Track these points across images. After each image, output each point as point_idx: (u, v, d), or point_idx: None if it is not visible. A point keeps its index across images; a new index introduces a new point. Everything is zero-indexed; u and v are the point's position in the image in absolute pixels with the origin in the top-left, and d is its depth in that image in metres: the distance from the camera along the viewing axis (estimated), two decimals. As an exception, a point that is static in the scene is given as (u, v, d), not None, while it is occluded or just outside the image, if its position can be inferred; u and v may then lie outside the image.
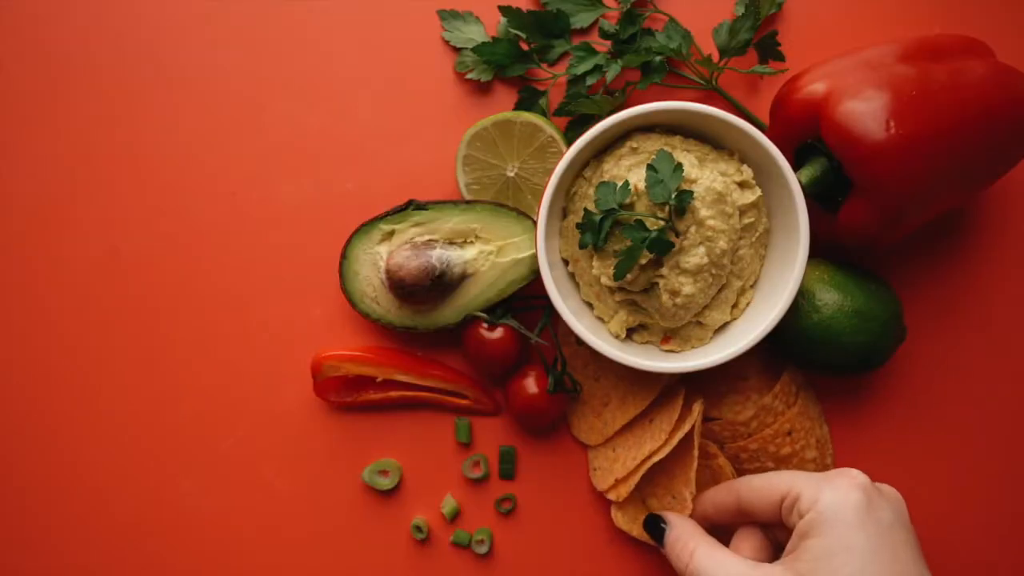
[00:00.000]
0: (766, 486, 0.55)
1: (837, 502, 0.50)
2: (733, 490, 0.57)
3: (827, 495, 0.51)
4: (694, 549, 0.55)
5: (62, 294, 0.68)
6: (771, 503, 0.54)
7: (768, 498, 0.54)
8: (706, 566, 0.54)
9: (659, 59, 0.64)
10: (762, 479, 0.56)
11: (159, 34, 0.69)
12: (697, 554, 0.55)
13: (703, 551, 0.55)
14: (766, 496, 0.55)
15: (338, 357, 0.65)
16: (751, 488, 0.56)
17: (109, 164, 0.69)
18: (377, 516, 0.67)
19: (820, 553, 0.49)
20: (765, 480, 0.55)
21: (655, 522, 0.59)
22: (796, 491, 0.52)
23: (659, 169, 0.55)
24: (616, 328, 0.61)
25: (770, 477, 0.55)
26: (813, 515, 0.51)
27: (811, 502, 0.51)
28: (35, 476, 0.68)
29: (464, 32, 0.68)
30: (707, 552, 0.55)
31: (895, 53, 0.58)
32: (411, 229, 0.64)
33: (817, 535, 0.50)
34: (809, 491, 0.52)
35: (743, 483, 0.57)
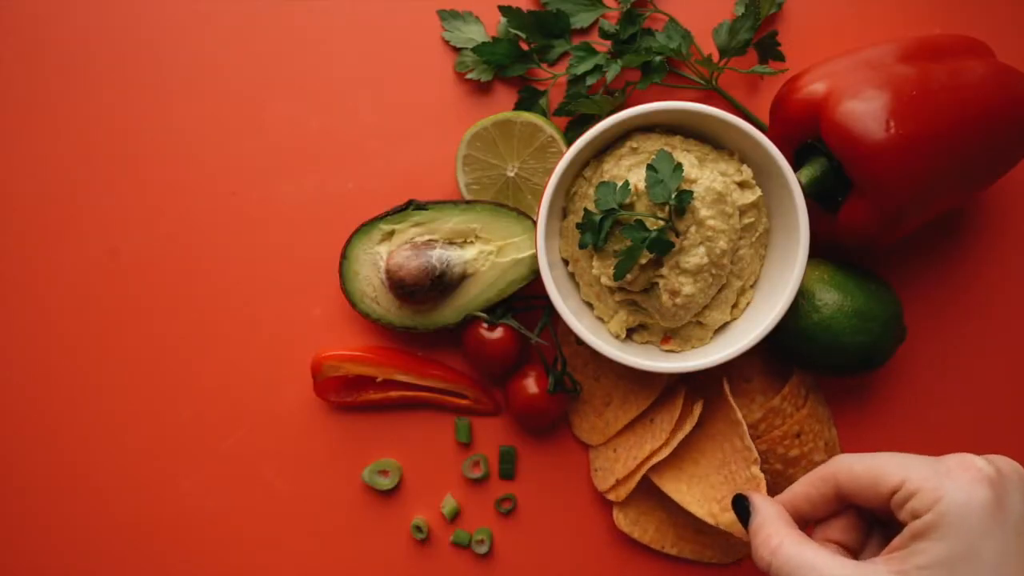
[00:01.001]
0: (872, 476, 0.47)
1: (961, 503, 0.43)
2: (829, 479, 0.50)
3: (950, 494, 0.44)
4: (778, 545, 0.48)
5: (62, 294, 0.68)
6: (878, 496, 0.47)
7: (874, 489, 0.47)
8: (792, 566, 0.47)
9: (659, 59, 0.64)
10: (865, 466, 0.48)
11: (159, 34, 0.69)
12: (782, 551, 0.48)
13: (789, 547, 0.48)
14: (872, 487, 0.47)
15: (338, 357, 0.65)
16: (853, 477, 0.48)
17: (109, 164, 0.69)
18: (377, 516, 0.67)
19: (938, 559, 0.43)
20: (869, 468, 0.48)
21: (741, 504, 0.53)
22: (912, 487, 0.45)
23: (659, 169, 0.55)
24: (616, 328, 0.61)
25: (874, 464, 0.48)
26: (932, 517, 0.44)
27: (930, 501, 0.44)
28: (35, 476, 0.68)
29: (464, 32, 0.68)
30: (794, 549, 0.48)
31: (895, 53, 0.58)
32: (411, 229, 0.64)
33: (936, 538, 0.43)
34: (928, 486, 0.44)
35: (842, 470, 0.49)
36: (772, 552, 0.48)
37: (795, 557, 0.47)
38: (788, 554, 0.47)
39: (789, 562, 0.47)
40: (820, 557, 0.46)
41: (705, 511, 0.59)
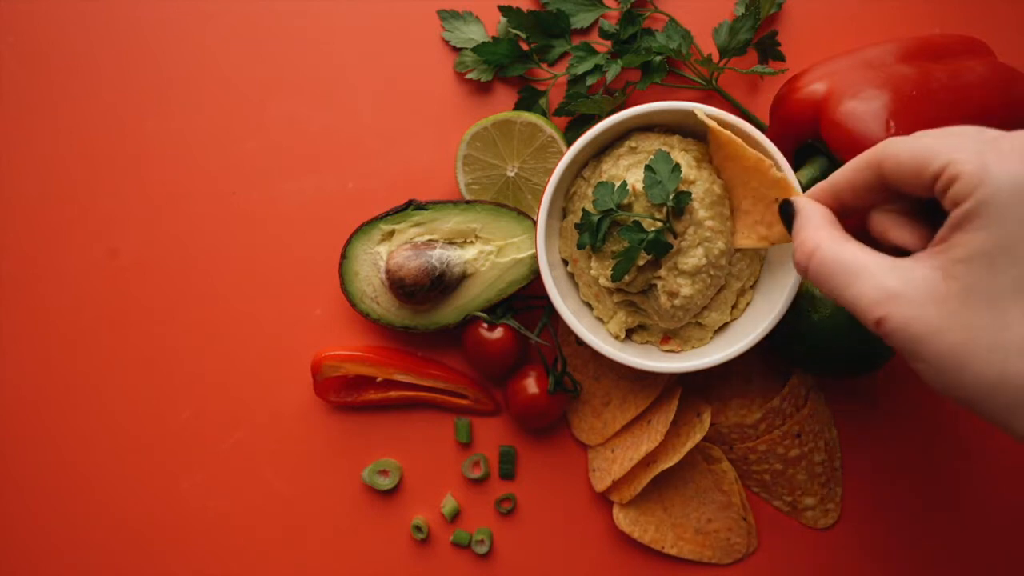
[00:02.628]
0: (915, 160, 0.42)
1: (1005, 187, 0.38)
2: (874, 164, 0.45)
3: (995, 175, 0.38)
4: (816, 246, 0.44)
5: (62, 294, 0.68)
6: (922, 181, 0.42)
7: (918, 176, 0.42)
8: (829, 267, 0.43)
9: (659, 59, 0.64)
10: (909, 149, 0.43)
11: (159, 34, 0.69)
12: (819, 252, 0.44)
13: (827, 249, 0.44)
14: (916, 173, 0.42)
15: (338, 357, 0.65)
16: (899, 162, 0.43)
17: (109, 164, 0.69)
18: (377, 516, 0.67)
19: (978, 251, 0.38)
20: (913, 152, 0.42)
21: (785, 208, 0.49)
22: (954, 170, 0.40)
23: (657, 170, 0.55)
24: (615, 328, 0.61)
25: (921, 145, 0.42)
26: (973, 204, 0.39)
27: (972, 186, 0.39)
28: (35, 476, 0.68)
29: (464, 32, 0.68)
30: (831, 250, 0.44)
31: (895, 53, 0.58)
32: (411, 229, 0.64)
33: (975, 228, 0.39)
34: (969, 169, 0.39)
35: (887, 155, 0.44)
36: (809, 255, 0.45)
37: (831, 258, 0.43)
38: (824, 256, 0.44)
39: (827, 263, 0.44)
40: (859, 259, 0.42)
41: (755, 238, 0.55)
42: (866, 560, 0.66)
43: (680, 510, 0.65)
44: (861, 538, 0.66)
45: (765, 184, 0.53)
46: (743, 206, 0.56)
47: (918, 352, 0.39)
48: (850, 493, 0.67)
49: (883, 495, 0.66)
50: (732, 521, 0.65)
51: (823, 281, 0.44)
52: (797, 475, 0.65)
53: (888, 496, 0.66)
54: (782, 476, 0.65)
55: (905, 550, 0.66)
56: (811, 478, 0.65)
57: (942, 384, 0.40)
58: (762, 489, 0.66)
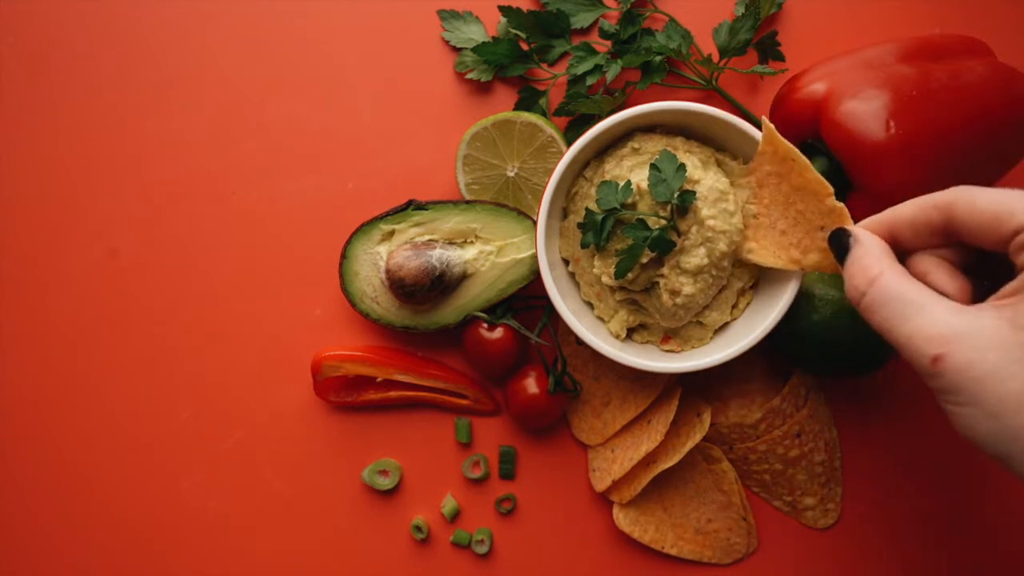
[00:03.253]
0: (996, 212, 0.42)
1: None
2: (945, 207, 0.45)
3: None
4: (879, 274, 0.44)
5: (62, 294, 0.68)
6: (998, 233, 0.42)
7: (996, 227, 0.42)
8: (890, 298, 0.43)
9: (659, 59, 0.64)
10: (989, 200, 0.43)
11: (159, 34, 0.69)
12: (882, 281, 0.44)
13: (890, 279, 0.43)
14: (994, 223, 0.42)
15: (338, 357, 0.65)
16: (975, 209, 0.43)
17: (109, 164, 0.69)
18: (377, 516, 0.67)
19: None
20: (995, 203, 0.43)
21: (839, 237, 0.49)
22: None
23: (662, 168, 0.55)
24: (616, 328, 0.61)
25: (1002, 199, 0.43)
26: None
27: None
28: (35, 476, 0.68)
29: (464, 32, 0.68)
30: (895, 282, 0.43)
31: (895, 53, 0.58)
32: (411, 229, 0.64)
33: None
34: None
35: (961, 200, 0.44)
36: (871, 281, 0.44)
37: (894, 290, 0.43)
38: (887, 286, 0.43)
39: (887, 294, 0.43)
40: (922, 295, 0.42)
41: (786, 259, 0.55)
42: (866, 560, 0.66)
43: (680, 510, 0.65)
44: (861, 538, 0.66)
45: (817, 210, 0.52)
46: (778, 225, 0.55)
47: (974, 394, 0.40)
48: (850, 493, 0.67)
49: (883, 495, 0.66)
50: (732, 521, 0.65)
51: (879, 310, 0.44)
52: (797, 475, 0.65)
53: (888, 496, 0.66)
54: (782, 476, 0.65)
55: (905, 550, 0.66)
56: (811, 478, 0.65)
57: (987, 430, 0.40)
58: (762, 489, 0.66)
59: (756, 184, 0.57)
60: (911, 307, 0.42)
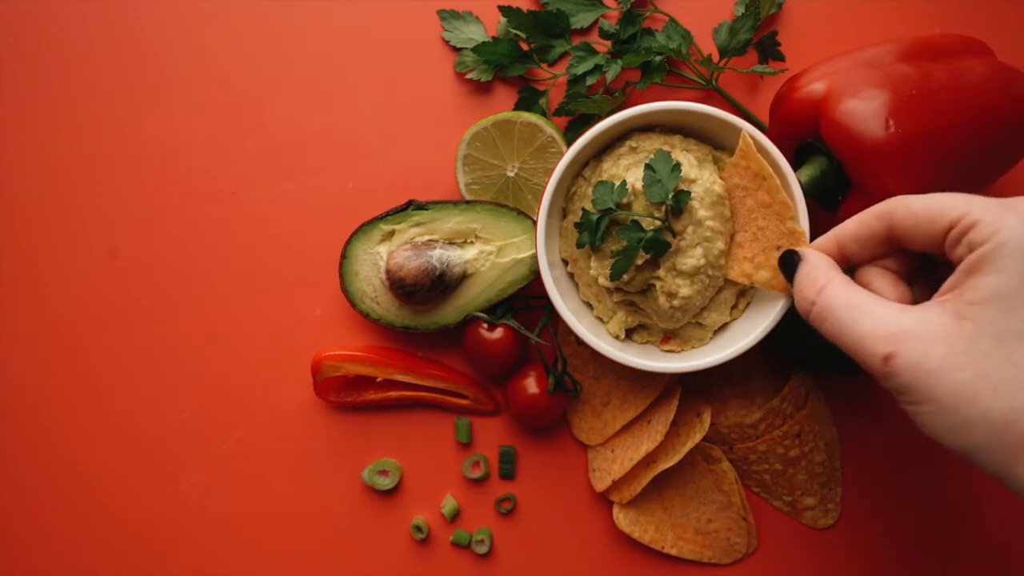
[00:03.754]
0: (931, 211, 0.45)
1: (1021, 232, 0.41)
2: (884, 215, 0.47)
3: (1011, 224, 0.41)
4: (825, 284, 0.46)
5: (62, 294, 0.68)
6: (934, 231, 0.44)
7: (931, 225, 0.44)
8: (837, 305, 0.45)
9: (659, 59, 0.64)
10: (923, 202, 0.45)
11: (159, 34, 0.69)
12: (828, 290, 0.46)
13: (835, 288, 0.45)
14: (928, 222, 0.44)
15: (338, 357, 0.65)
16: (910, 213, 0.45)
17: (109, 164, 0.69)
18: (377, 516, 0.67)
19: (993, 293, 0.40)
20: (927, 204, 0.45)
21: (789, 258, 0.51)
22: (972, 218, 0.42)
23: (656, 169, 0.55)
24: (615, 328, 0.61)
25: (934, 200, 0.45)
26: (990, 247, 0.41)
27: (990, 232, 0.41)
28: (35, 476, 0.68)
29: (464, 32, 0.68)
30: (840, 290, 0.45)
31: (895, 53, 0.58)
32: (411, 229, 0.64)
33: (993, 271, 0.41)
34: (988, 218, 0.42)
35: (898, 207, 0.46)
36: (818, 291, 0.46)
37: (840, 297, 0.45)
38: (833, 294, 0.45)
39: (834, 302, 0.45)
40: (867, 299, 0.44)
41: (737, 272, 0.57)
42: (866, 560, 0.66)
43: (680, 510, 0.65)
44: (861, 538, 0.66)
45: (777, 229, 0.54)
46: (737, 238, 0.57)
47: (928, 389, 0.41)
48: (850, 493, 0.67)
49: (883, 495, 0.66)
50: (732, 521, 0.65)
51: (827, 317, 0.45)
52: (797, 475, 0.65)
53: (888, 496, 0.66)
54: (782, 476, 0.65)
55: (905, 550, 0.66)
56: (811, 478, 0.65)
57: (947, 425, 0.41)
58: (762, 489, 0.66)
59: (727, 189, 0.58)
60: (858, 311, 0.44)
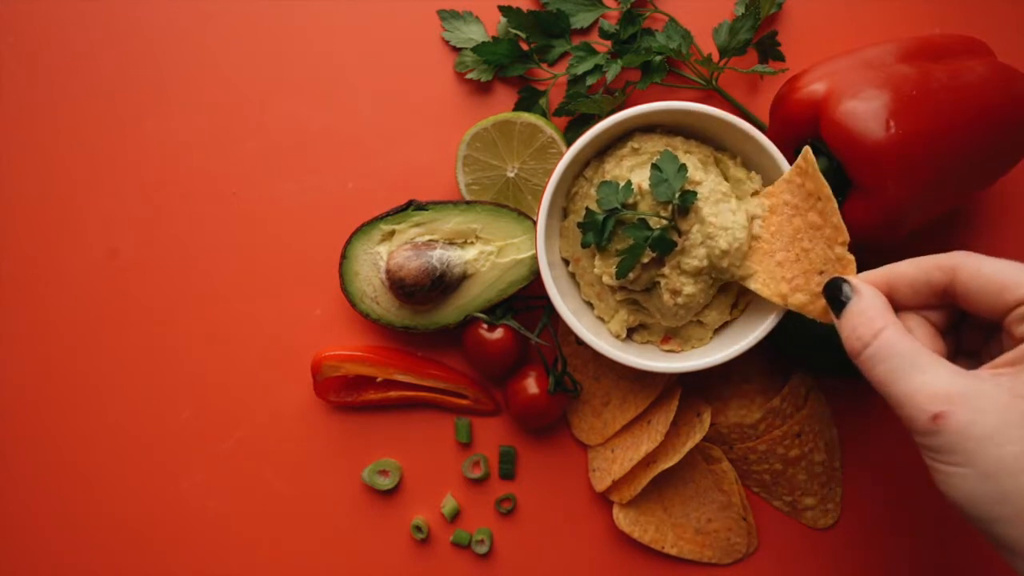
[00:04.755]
0: (1001, 281, 0.44)
1: None
2: (948, 270, 0.46)
3: None
4: (883, 328, 0.45)
5: (62, 294, 0.68)
6: (1000, 302, 0.44)
7: (998, 295, 0.44)
8: (894, 353, 0.43)
9: (659, 59, 0.64)
10: (995, 267, 0.44)
11: (160, 34, 0.69)
12: (885, 335, 0.44)
13: (893, 335, 0.44)
14: (997, 292, 0.44)
15: (338, 357, 0.65)
16: (979, 276, 0.45)
17: (109, 164, 0.69)
18: (377, 516, 0.67)
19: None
20: (1000, 271, 0.44)
21: (838, 287, 0.49)
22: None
23: (663, 168, 0.55)
24: (616, 328, 0.61)
25: (1006, 269, 0.44)
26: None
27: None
28: (35, 476, 0.68)
29: (464, 32, 0.68)
30: (897, 338, 0.44)
31: (895, 53, 0.58)
32: (411, 229, 0.64)
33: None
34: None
35: (967, 266, 0.45)
36: (875, 335, 0.45)
37: (898, 346, 0.44)
38: (891, 342, 0.44)
39: (890, 350, 0.44)
40: (925, 354, 0.43)
41: (772, 292, 0.55)
42: (866, 560, 0.66)
43: (680, 510, 0.65)
44: (861, 538, 0.66)
45: (824, 254, 0.52)
46: (777, 256, 0.55)
47: (971, 454, 0.41)
48: (850, 493, 0.67)
49: (883, 495, 0.66)
50: (732, 521, 0.65)
51: (880, 363, 0.44)
52: (797, 475, 0.65)
53: (888, 496, 0.66)
54: (782, 476, 0.65)
55: (905, 550, 0.66)
56: (811, 478, 0.65)
57: (979, 492, 0.41)
58: (762, 489, 0.66)
59: (768, 209, 0.56)
60: (914, 365, 0.43)
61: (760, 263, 0.56)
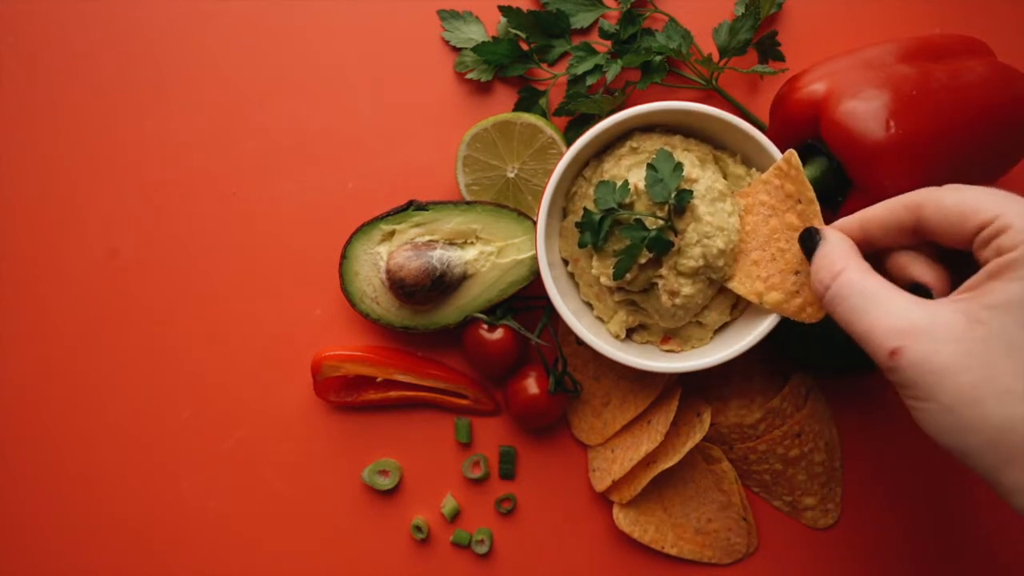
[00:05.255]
0: (962, 209, 0.44)
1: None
2: (913, 207, 0.46)
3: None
4: (842, 269, 0.45)
5: (62, 294, 0.68)
6: (964, 230, 0.44)
7: (961, 223, 0.44)
8: (852, 292, 0.44)
9: (659, 59, 0.64)
10: (955, 197, 0.45)
11: (160, 33, 0.69)
12: (845, 275, 0.45)
13: (852, 273, 0.45)
14: (959, 220, 0.44)
15: (338, 357, 0.65)
16: (941, 207, 0.45)
17: (109, 164, 0.69)
18: (377, 516, 0.67)
19: (1012, 300, 0.40)
20: (961, 200, 0.44)
21: (810, 236, 0.50)
22: (1004, 222, 0.42)
23: (659, 168, 0.55)
24: (616, 328, 0.61)
25: (968, 197, 0.44)
26: (1018, 255, 0.40)
27: (1021, 238, 0.41)
28: (35, 476, 0.68)
29: (464, 32, 0.68)
30: (857, 276, 0.45)
31: (895, 53, 0.58)
32: (411, 230, 0.64)
33: (1016, 279, 0.40)
34: (1021, 224, 0.41)
35: (929, 200, 0.45)
36: (833, 276, 0.45)
37: (856, 284, 0.44)
38: (850, 280, 0.44)
39: (849, 289, 0.44)
40: (882, 289, 0.44)
41: (748, 290, 0.56)
42: (866, 560, 0.66)
43: (680, 510, 0.65)
44: (861, 538, 0.66)
45: (798, 256, 0.53)
46: (752, 255, 0.56)
47: (931, 387, 0.40)
48: (850, 493, 0.67)
49: (883, 495, 0.66)
50: (732, 521, 0.65)
51: (841, 303, 0.45)
52: (797, 475, 0.65)
53: (888, 496, 0.66)
54: (782, 476, 0.65)
55: (905, 550, 0.66)
56: (811, 478, 0.65)
57: (945, 424, 0.41)
58: (762, 489, 0.66)
59: (743, 208, 0.57)
60: (871, 300, 0.44)
61: (737, 262, 0.57)
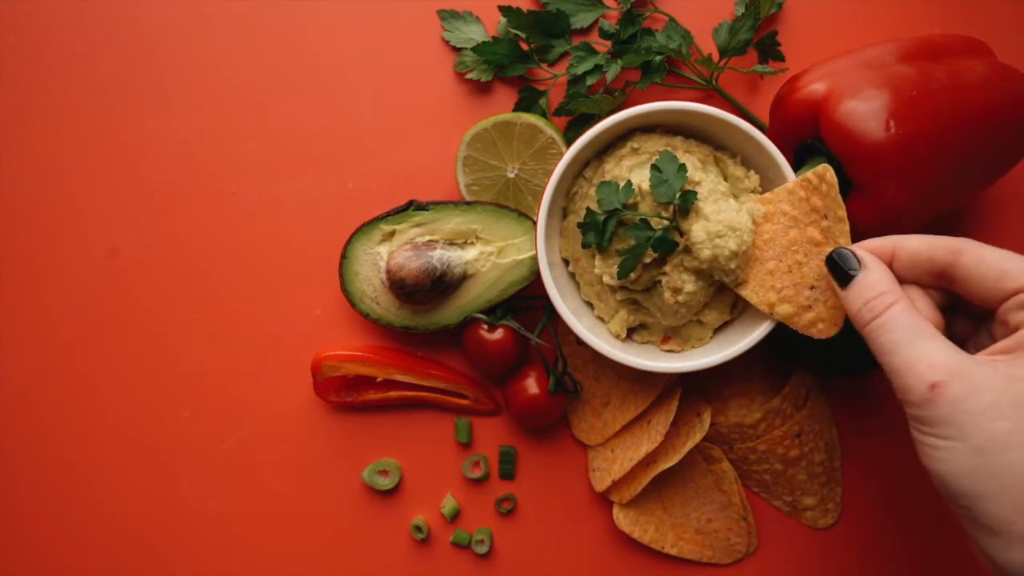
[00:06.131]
0: (1002, 268, 0.45)
1: None
2: (953, 251, 0.47)
3: None
4: (893, 303, 0.46)
5: (62, 294, 0.68)
6: (999, 287, 0.45)
7: (998, 280, 0.45)
8: (900, 325, 0.45)
9: (659, 59, 0.64)
10: (997, 256, 0.46)
11: (160, 33, 0.69)
12: (894, 311, 0.45)
13: (900, 312, 0.45)
14: (997, 277, 0.45)
15: (338, 357, 0.65)
16: (982, 260, 0.46)
17: (109, 164, 0.69)
18: (377, 516, 0.67)
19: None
20: (1001, 259, 0.45)
21: (845, 258, 0.49)
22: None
23: (663, 169, 0.55)
24: (616, 328, 0.61)
25: (1008, 259, 0.45)
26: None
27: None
28: (35, 476, 0.68)
29: (464, 32, 0.68)
30: (905, 316, 0.45)
31: (895, 53, 0.58)
32: (412, 230, 0.64)
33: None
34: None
35: (970, 251, 0.46)
36: (885, 306, 0.46)
37: (904, 319, 0.45)
38: (901, 311, 0.45)
39: (896, 322, 0.45)
40: (928, 328, 0.44)
41: (760, 299, 0.56)
42: (866, 560, 0.66)
43: (680, 510, 0.65)
44: (861, 538, 0.66)
45: (817, 272, 0.54)
46: (767, 264, 0.56)
47: (964, 427, 0.41)
48: (850, 493, 0.67)
49: (883, 495, 0.66)
50: (732, 521, 0.65)
51: (884, 333, 0.45)
52: (797, 475, 0.65)
53: (888, 496, 0.66)
54: (782, 476, 0.65)
55: (905, 550, 0.66)
56: (811, 478, 0.65)
57: (969, 466, 0.41)
58: (762, 489, 0.66)
59: (762, 216, 0.56)
60: (921, 336, 0.44)
61: (750, 269, 0.57)
